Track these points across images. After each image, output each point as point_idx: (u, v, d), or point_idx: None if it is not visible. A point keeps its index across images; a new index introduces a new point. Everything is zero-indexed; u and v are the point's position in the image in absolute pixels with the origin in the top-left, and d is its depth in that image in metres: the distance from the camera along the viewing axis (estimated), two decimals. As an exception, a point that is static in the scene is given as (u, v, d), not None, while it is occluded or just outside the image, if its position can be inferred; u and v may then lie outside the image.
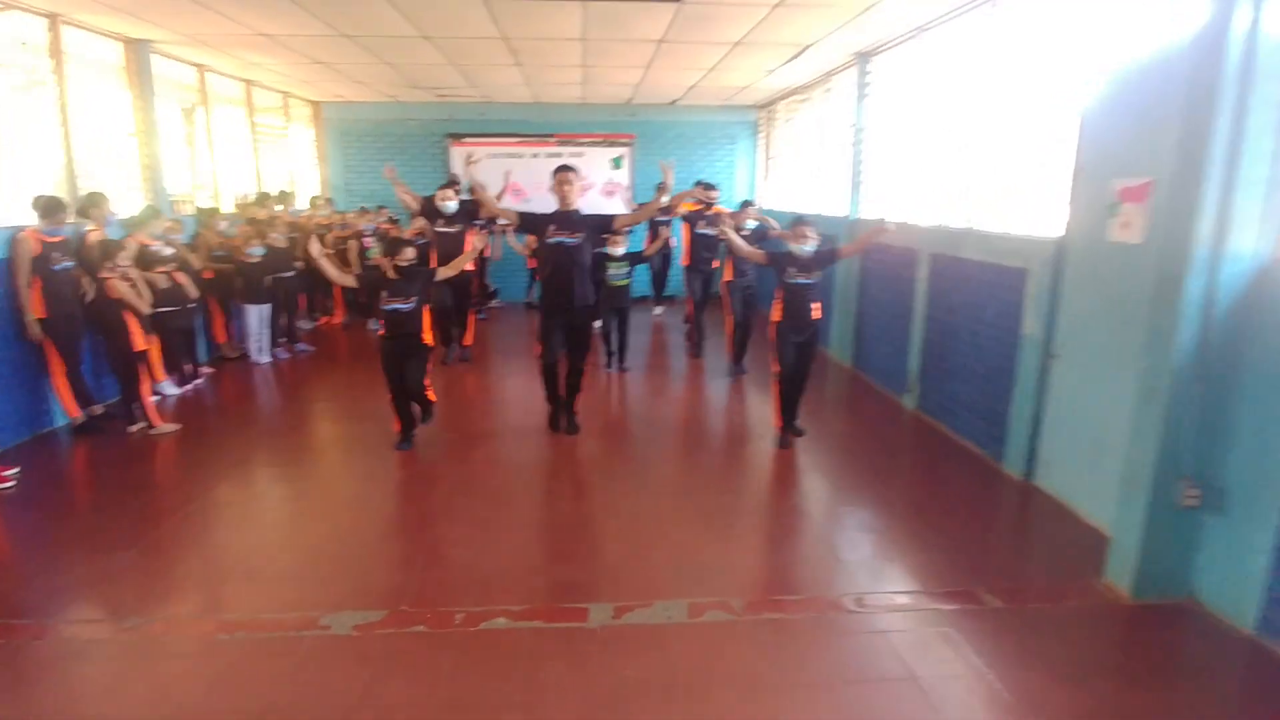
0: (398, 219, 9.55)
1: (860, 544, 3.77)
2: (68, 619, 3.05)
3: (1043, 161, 4.50)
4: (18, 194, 5.26)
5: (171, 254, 6.11)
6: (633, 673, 2.69)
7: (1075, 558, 3.59)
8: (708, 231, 7.36)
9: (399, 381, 4.78)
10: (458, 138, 10.98)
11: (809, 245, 4.66)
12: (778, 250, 4.87)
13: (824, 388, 6.65)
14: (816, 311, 4.80)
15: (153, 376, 5.79)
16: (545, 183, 4.96)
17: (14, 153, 5.52)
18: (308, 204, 9.80)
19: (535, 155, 11.08)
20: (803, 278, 4.70)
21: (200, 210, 7.56)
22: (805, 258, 4.68)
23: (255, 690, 2.60)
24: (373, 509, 4.19)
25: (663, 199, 5.13)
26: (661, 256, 9.09)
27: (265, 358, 7.40)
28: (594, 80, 8.85)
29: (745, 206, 6.26)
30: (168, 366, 6.17)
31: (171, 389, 6.20)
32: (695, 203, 7.71)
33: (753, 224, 6.30)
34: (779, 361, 4.85)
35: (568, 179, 4.72)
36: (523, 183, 10.61)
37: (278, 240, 7.45)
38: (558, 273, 4.73)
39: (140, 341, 5.26)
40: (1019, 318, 4.50)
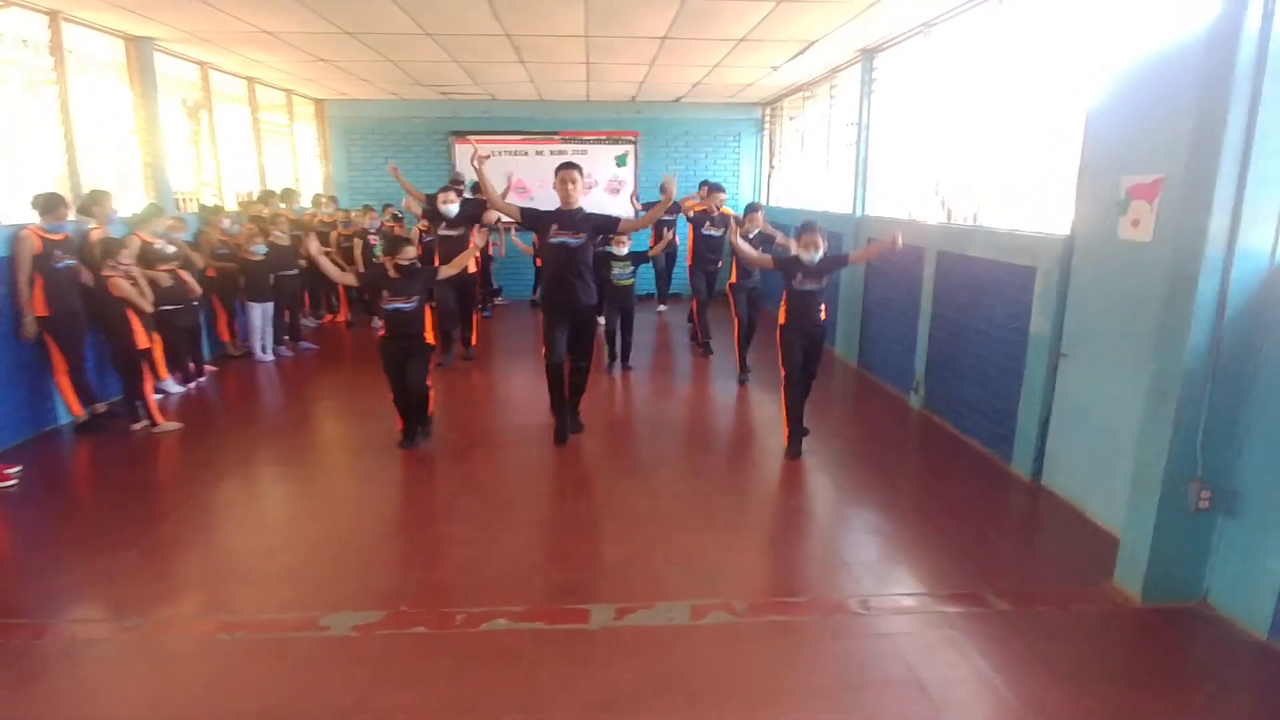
0: (401, 216, 9.53)
1: (865, 545, 3.73)
2: (67, 619, 3.04)
3: (1051, 158, 4.45)
4: (19, 192, 5.24)
5: (174, 252, 6.12)
6: (633, 675, 2.66)
7: (1084, 560, 3.55)
8: (712, 233, 7.35)
9: (400, 382, 4.75)
10: (461, 135, 10.96)
11: (817, 254, 4.60)
12: (784, 255, 4.81)
13: (830, 386, 6.60)
14: (823, 313, 4.75)
15: (156, 375, 5.80)
16: (549, 180, 4.88)
17: (16, 151, 5.50)
18: (311, 202, 9.78)
19: (539, 153, 11.06)
20: (810, 284, 4.64)
21: (203, 208, 7.57)
22: (813, 265, 4.62)
23: (253, 691, 2.58)
24: (374, 508, 4.17)
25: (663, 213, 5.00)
26: (666, 255, 9.04)
27: (269, 356, 7.41)
28: (598, 77, 8.81)
29: (752, 211, 6.19)
30: (171, 365, 6.17)
31: (175, 387, 6.20)
32: (701, 204, 7.69)
33: (758, 230, 6.21)
34: (786, 365, 4.78)
35: (571, 177, 4.62)
36: (526, 180, 10.60)
37: (281, 238, 7.45)
38: (559, 273, 4.66)
39: (142, 340, 5.26)
40: (1027, 316, 4.45)
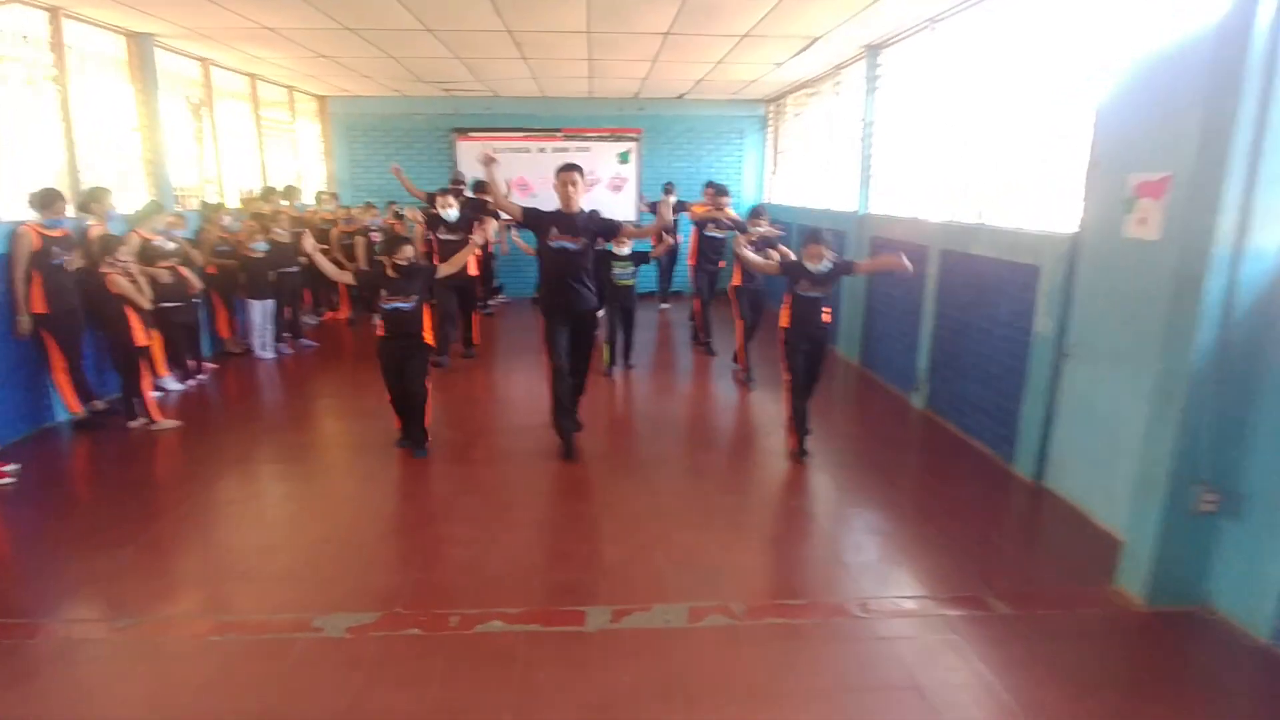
0: (403, 214, 9.51)
1: (866, 547, 3.69)
2: (61, 618, 3.02)
3: (1057, 156, 4.39)
4: (19, 189, 5.22)
5: (174, 249, 6.10)
6: (629, 679, 2.63)
7: (1086, 563, 3.51)
8: (716, 234, 7.32)
9: (399, 383, 4.68)
10: (464, 132, 10.94)
11: (823, 265, 4.54)
12: (790, 261, 4.76)
13: (832, 385, 6.56)
14: (827, 316, 4.70)
15: (154, 372, 5.78)
16: (551, 177, 4.81)
17: (16, 148, 5.48)
18: (314, 199, 9.76)
19: (542, 150, 11.03)
20: (815, 292, 4.59)
21: (204, 205, 7.54)
22: (818, 274, 4.57)
23: (245, 694, 2.56)
24: (373, 507, 4.15)
25: (664, 235, 4.92)
26: (668, 253, 8.99)
27: (269, 353, 7.40)
28: (601, 74, 8.77)
29: (756, 216, 6.12)
30: (170, 362, 6.15)
31: (174, 384, 6.18)
32: (704, 205, 7.66)
33: (761, 231, 6.14)
34: (789, 368, 4.74)
35: (572, 179, 4.49)
36: (529, 177, 10.57)
37: (281, 235, 7.43)
38: (559, 278, 4.56)
39: (141, 337, 5.24)
40: (1031, 315, 4.40)
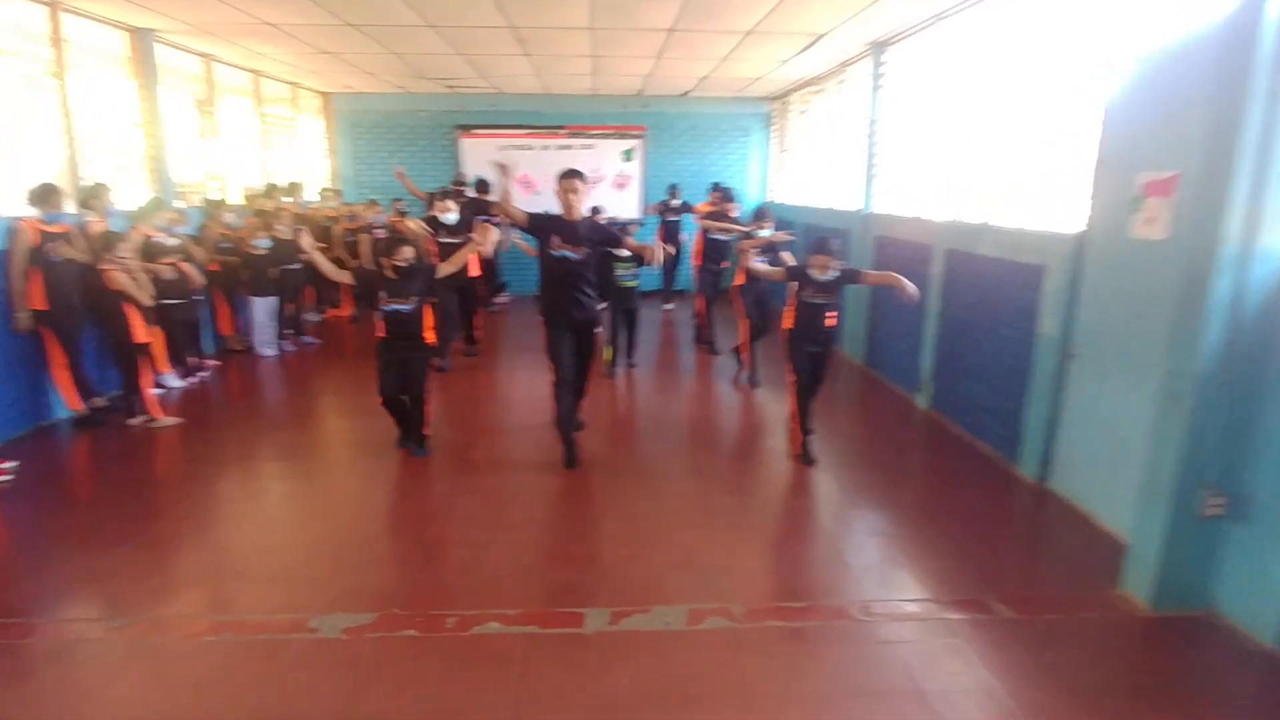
0: (407, 211, 9.48)
1: (868, 549, 3.66)
2: (57, 618, 3.01)
3: (1063, 154, 4.35)
4: (20, 185, 5.20)
5: (176, 245, 6.09)
6: (628, 681, 2.61)
7: (1091, 566, 3.47)
8: (720, 237, 7.31)
9: (397, 385, 4.60)
10: (468, 129, 10.91)
11: (829, 274, 4.48)
12: (797, 267, 4.71)
13: (835, 385, 6.50)
14: (832, 320, 4.63)
15: (155, 369, 5.77)
16: (554, 175, 4.74)
17: (16, 144, 5.46)
18: (317, 196, 9.75)
19: (545, 147, 11.00)
20: (820, 298, 4.53)
21: (207, 202, 7.54)
22: (823, 282, 4.51)
23: (240, 695, 2.54)
24: (373, 507, 4.13)
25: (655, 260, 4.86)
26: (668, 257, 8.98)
27: (271, 350, 7.39)
28: (604, 70, 8.73)
29: (761, 218, 6.08)
30: (172, 359, 6.14)
31: (175, 381, 6.17)
32: (709, 205, 7.64)
33: (765, 232, 6.09)
34: (794, 370, 4.70)
35: (573, 187, 4.37)
36: (532, 175, 10.53)
37: (284, 232, 7.40)
38: (560, 286, 4.48)
39: (141, 334, 5.24)
40: (1036, 316, 4.36)
